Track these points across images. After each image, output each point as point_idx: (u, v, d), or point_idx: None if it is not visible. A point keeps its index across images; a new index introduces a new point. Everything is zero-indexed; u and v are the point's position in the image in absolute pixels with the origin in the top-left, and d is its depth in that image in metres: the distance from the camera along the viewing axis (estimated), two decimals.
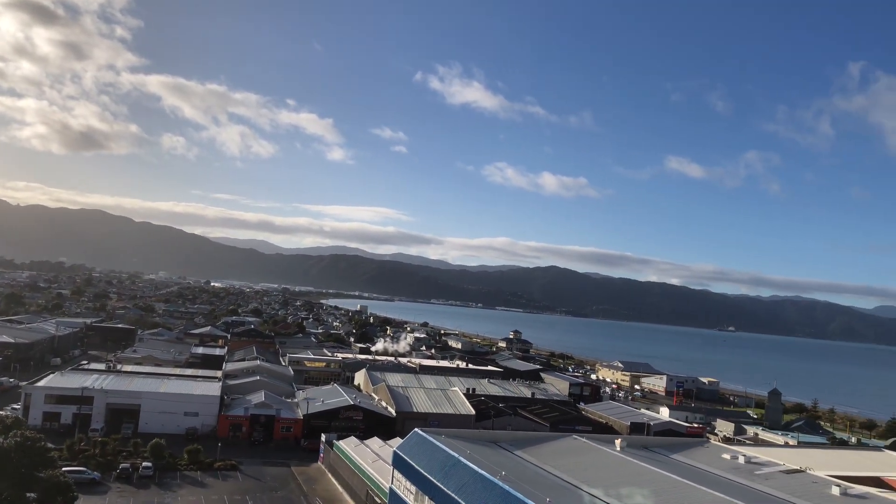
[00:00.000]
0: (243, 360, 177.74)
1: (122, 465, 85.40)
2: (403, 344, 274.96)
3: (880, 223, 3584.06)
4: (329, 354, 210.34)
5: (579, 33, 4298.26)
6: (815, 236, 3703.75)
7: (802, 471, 68.74)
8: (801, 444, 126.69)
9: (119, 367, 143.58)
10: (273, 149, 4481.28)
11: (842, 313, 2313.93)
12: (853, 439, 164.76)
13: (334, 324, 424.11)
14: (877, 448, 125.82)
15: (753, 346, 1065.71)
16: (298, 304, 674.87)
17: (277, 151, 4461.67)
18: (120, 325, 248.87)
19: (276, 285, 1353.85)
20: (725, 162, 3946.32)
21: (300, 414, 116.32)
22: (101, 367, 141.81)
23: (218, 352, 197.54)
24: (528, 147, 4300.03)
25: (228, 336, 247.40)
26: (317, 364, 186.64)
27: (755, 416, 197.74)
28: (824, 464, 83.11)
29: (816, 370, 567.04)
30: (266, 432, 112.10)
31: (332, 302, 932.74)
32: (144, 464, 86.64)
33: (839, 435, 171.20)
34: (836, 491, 59.16)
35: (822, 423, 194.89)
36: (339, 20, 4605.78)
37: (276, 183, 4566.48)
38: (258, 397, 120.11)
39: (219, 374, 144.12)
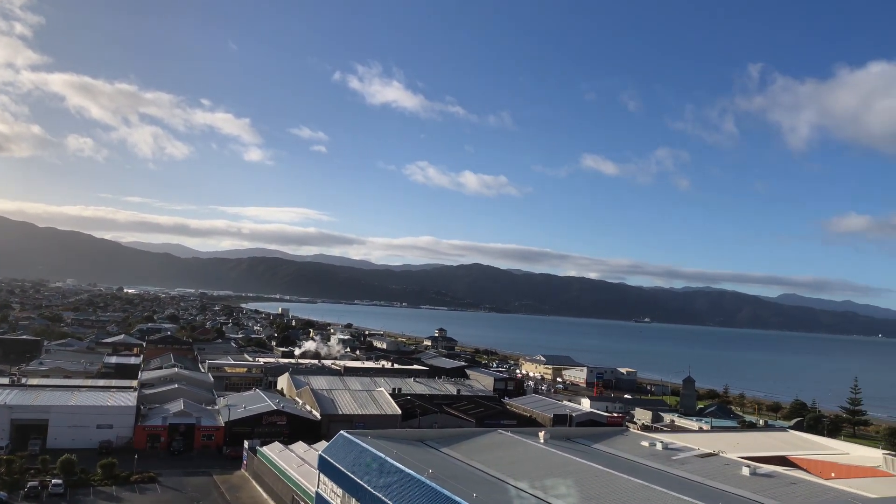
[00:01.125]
0: (160, 368, 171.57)
1: (30, 484, 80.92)
2: (327, 346, 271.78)
3: (781, 215, 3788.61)
4: (250, 359, 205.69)
5: (496, 34, 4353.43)
6: (722, 229, 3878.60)
7: (716, 454, 71.97)
8: (714, 429, 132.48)
9: (24, 380, 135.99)
10: (188, 150, 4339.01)
11: (748, 302, 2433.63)
12: (761, 421, 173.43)
13: (255, 328, 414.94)
14: (782, 429, 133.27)
15: (668, 335, 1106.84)
16: (217, 308, 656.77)
17: (192, 153, 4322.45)
18: (24, 337, 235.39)
19: (193, 290, 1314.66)
20: (638, 159, 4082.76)
21: (221, 421, 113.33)
22: (5, 381, 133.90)
23: (133, 360, 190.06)
24: (449, 146, 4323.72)
25: (144, 344, 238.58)
26: (238, 369, 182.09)
27: (671, 404, 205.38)
28: (735, 446, 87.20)
29: (727, 357, 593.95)
30: (186, 441, 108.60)
31: (252, 305, 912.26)
32: (54, 481, 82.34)
33: (748, 418, 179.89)
34: (746, 471, 62.22)
35: (732, 407, 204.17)
36: (254, 19, 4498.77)
37: (192, 185, 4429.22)
38: (177, 406, 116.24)
39: (134, 383, 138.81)
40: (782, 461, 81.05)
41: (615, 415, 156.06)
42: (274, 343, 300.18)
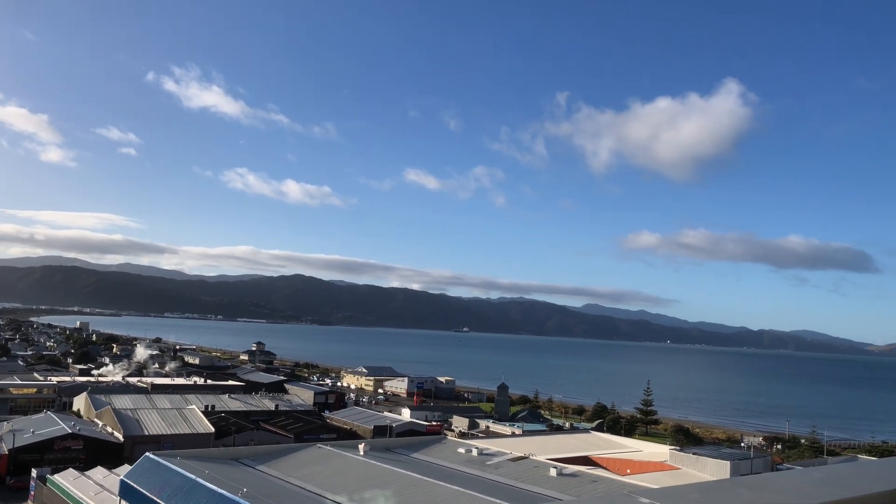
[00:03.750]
0: None
1: None
2: (132, 362, 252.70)
3: (584, 231, 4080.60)
4: (41, 379, 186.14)
5: (320, 47, 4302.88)
6: (533, 243, 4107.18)
7: (526, 457, 75.80)
8: (525, 433, 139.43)
9: None
10: None
11: (557, 312, 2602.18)
12: (567, 424, 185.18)
13: (48, 344, 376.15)
14: (585, 430, 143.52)
15: (485, 344, 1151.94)
16: (2, 322, 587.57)
17: None
18: None
19: None
20: (458, 175, 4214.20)
21: (4, 448, 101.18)
22: None
23: None
24: (270, 154, 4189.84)
25: None
26: (25, 390, 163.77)
27: (487, 410, 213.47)
28: (544, 448, 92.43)
29: (538, 363, 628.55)
30: None
31: (45, 319, 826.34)
32: None
33: (556, 421, 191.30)
34: (553, 472, 66.13)
35: (542, 411, 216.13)
36: (55, 9, 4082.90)
37: None
38: None
39: None
40: (585, 461, 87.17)
41: (434, 423, 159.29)
42: (70, 360, 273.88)
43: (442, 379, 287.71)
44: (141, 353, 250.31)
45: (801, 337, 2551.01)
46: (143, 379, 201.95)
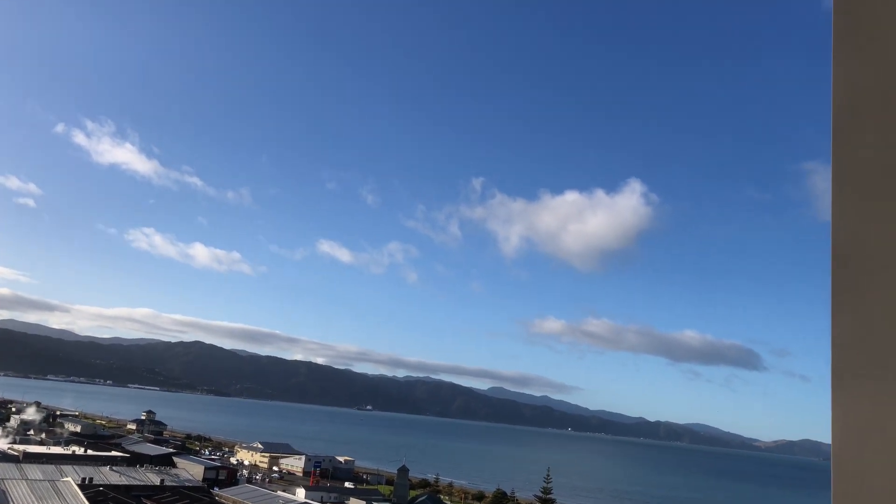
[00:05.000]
0: None
1: None
2: (6, 427, 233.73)
3: (492, 314, 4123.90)
4: None
5: (240, 110, 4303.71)
6: (443, 322, 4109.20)
7: None
8: None
9: None
10: None
11: (462, 393, 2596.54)
12: None
13: None
14: None
15: (388, 424, 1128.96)
16: None
17: None
18: None
19: None
20: (372, 249, 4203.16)
21: None
22: None
23: None
24: (180, 215, 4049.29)
25: None
26: None
27: (385, 493, 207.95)
28: None
29: (441, 446, 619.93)
30: None
31: None
32: None
33: None
34: None
35: (442, 496, 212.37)
36: None
37: None
38: None
39: None
40: None
41: None
42: None
43: (341, 458, 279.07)
44: (25, 416, 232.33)
45: (694, 430, 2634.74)
46: (15, 446, 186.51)
